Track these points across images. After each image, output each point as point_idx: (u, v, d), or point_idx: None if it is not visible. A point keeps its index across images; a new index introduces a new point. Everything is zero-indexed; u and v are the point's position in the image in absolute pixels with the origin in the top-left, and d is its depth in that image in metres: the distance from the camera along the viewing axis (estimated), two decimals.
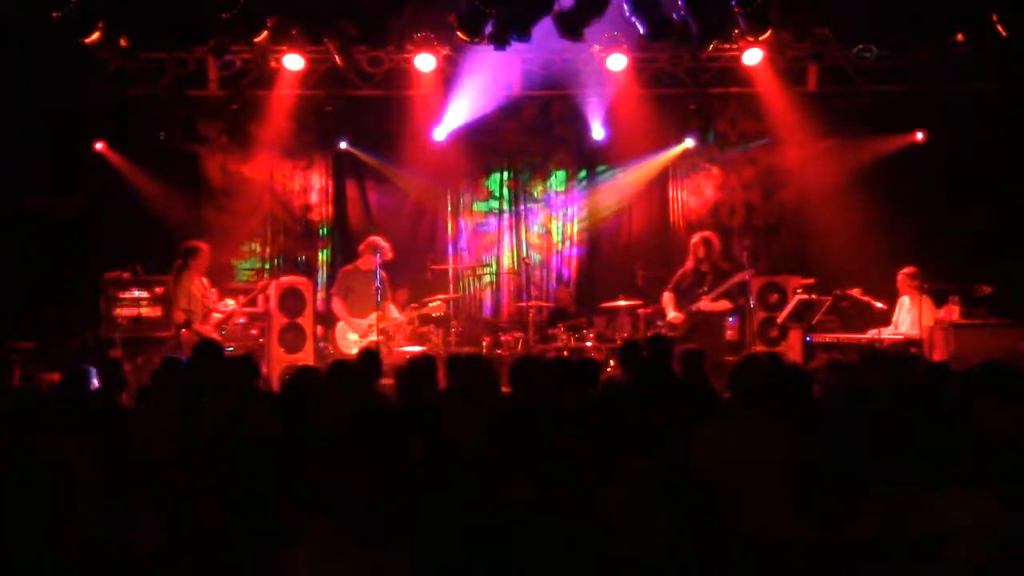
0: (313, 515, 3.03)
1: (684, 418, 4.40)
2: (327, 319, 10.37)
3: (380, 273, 9.58)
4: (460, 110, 11.03)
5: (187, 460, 3.92)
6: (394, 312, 9.85)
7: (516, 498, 3.36)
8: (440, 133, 11.24)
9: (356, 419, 3.94)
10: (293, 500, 3.19)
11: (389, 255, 9.73)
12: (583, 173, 12.13)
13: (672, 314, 9.43)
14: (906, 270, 9.68)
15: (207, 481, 3.46)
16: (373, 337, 9.41)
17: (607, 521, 3.36)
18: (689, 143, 11.55)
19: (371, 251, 9.67)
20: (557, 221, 12.15)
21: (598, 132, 11.40)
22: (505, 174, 12.16)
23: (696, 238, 9.67)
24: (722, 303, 9.38)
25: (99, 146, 10.91)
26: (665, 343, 7.03)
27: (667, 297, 9.61)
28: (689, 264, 9.58)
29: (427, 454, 4.12)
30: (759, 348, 9.55)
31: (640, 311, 10.40)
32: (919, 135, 11.20)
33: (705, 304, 9.31)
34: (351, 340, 9.64)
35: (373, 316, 9.50)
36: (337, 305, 9.75)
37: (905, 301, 9.68)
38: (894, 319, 9.70)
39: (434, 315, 10.09)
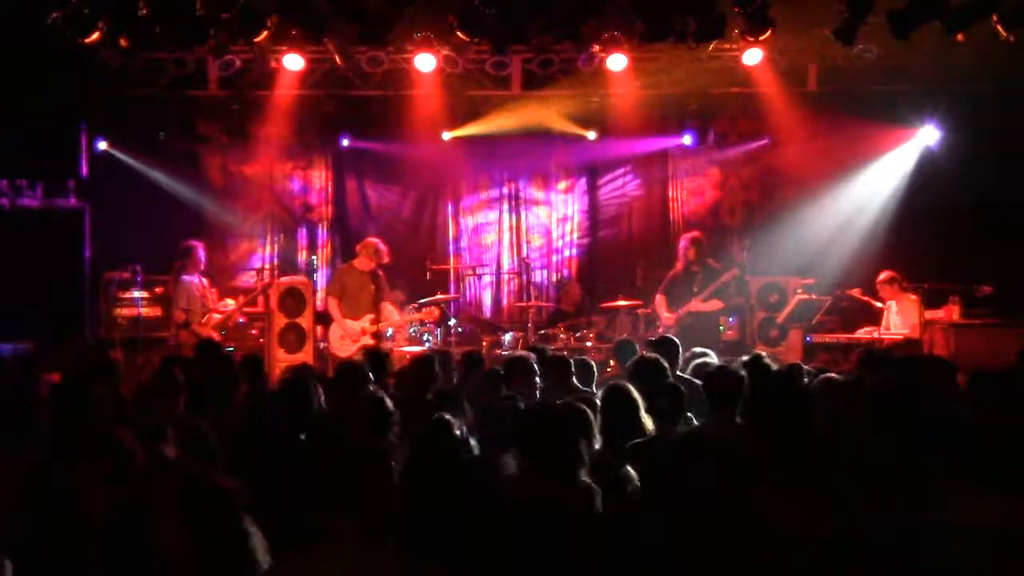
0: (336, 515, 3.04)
1: None
2: (327, 319, 10.36)
3: (378, 274, 9.56)
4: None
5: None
6: (392, 313, 9.80)
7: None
8: (448, 135, 11.32)
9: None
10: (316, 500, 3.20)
11: (386, 259, 9.69)
12: (583, 173, 12.13)
13: (665, 315, 9.42)
14: (882, 277, 9.71)
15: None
16: (365, 340, 9.36)
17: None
18: (688, 141, 11.56)
19: (368, 253, 9.64)
20: (557, 221, 12.16)
21: (598, 132, 11.42)
22: (505, 174, 12.17)
23: (684, 240, 9.64)
24: (714, 303, 9.34)
25: (100, 146, 10.92)
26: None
27: (659, 300, 9.58)
28: (679, 266, 9.55)
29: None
30: (759, 348, 9.55)
31: (640, 311, 10.40)
32: (919, 135, 11.19)
33: (696, 305, 9.27)
34: (342, 341, 9.57)
35: (367, 318, 9.47)
36: (332, 305, 9.62)
37: (893, 305, 9.69)
38: (884, 323, 9.71)
39: (427, 322, 10.04)
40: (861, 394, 4.29)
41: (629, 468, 4.20)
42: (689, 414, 5.27)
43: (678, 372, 6.25)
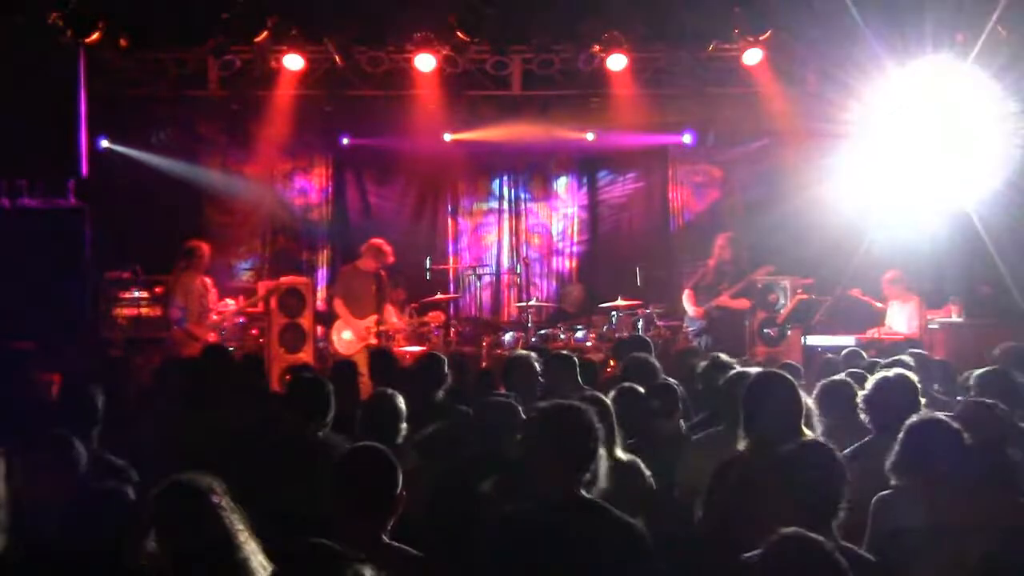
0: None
1: None
2: (327, 319, 10.36)
3: (380, 274, 9.58)
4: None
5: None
6: (391, 316, 9.81)
7: None
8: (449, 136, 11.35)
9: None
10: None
11: (390, 259, 9.72)
12: (583, 173, 12.14)
13: (692, 310, 9.63)
14: (888, 276, 9.75)
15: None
16: (370, 339, 9.38)
17: None
18: (688, 141, 11.56)
19: (372, 254, 9.66)
20: (557, 221, 12.17)
21: (597, 132, 11.43)
22: (505, 174, 12.17)
23: (721, 239, 9.88)
24: (741, 301, 9.55)
25: (100, 146, 10.91)
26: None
27: (687, 294, 9.88)
28: (712, 263, 9.82)
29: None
30: (759, 348, 9.57)
31: (640, 311, 10.40)
32: (917, 135, 11.17)
33: (724, 300, 9.52)
34: (346, 340, 9.59)
35: (372, 318, 9.49)
36: (339, 305, 9.70)
37: (895, 305, 9.71)
38: (886, 323, 9.72)
39: (433, 324, 10.07)
40: None
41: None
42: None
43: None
